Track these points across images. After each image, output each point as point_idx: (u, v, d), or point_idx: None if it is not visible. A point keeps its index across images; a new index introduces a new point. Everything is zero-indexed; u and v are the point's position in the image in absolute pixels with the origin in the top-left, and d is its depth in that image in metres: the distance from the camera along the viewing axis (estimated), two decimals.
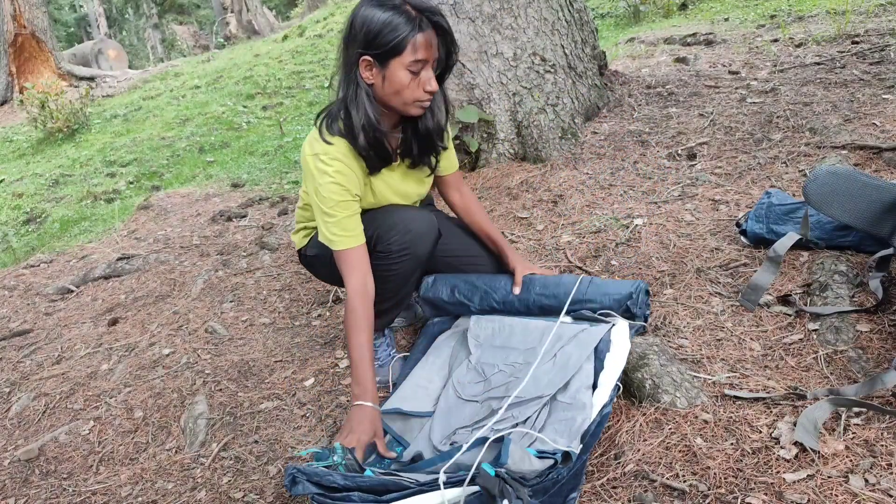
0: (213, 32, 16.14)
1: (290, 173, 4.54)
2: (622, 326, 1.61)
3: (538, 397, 1.45)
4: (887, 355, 1.45)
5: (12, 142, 7.72)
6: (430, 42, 1.43)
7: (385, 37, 1.39)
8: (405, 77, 1.43)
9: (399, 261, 1.61)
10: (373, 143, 1.51)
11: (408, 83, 1.44)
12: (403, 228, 1.59)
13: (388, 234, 1.59)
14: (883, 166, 2.31)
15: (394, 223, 1.60)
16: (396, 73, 1.43)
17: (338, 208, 1.53)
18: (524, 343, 1.64)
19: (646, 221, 2.29)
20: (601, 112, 3.40)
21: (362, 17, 1.42)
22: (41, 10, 10.10)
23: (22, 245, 4.24)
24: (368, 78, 1.47)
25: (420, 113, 1.52)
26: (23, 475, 1.68)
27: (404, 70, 1.42)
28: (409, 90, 1.45)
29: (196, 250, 3.14)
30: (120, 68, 11.94)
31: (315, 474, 1.18)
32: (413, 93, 1.46)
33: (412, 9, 1.41)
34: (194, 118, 7.02)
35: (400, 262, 1.61)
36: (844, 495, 1.13)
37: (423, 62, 1.43)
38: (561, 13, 3.18)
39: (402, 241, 1.59)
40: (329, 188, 1.52)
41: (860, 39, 3.79)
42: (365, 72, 1.46)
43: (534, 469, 1.16)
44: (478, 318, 1.77)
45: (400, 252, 1.60)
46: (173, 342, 2.21)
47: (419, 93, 1.46)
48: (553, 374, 1.50)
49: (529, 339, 1.64)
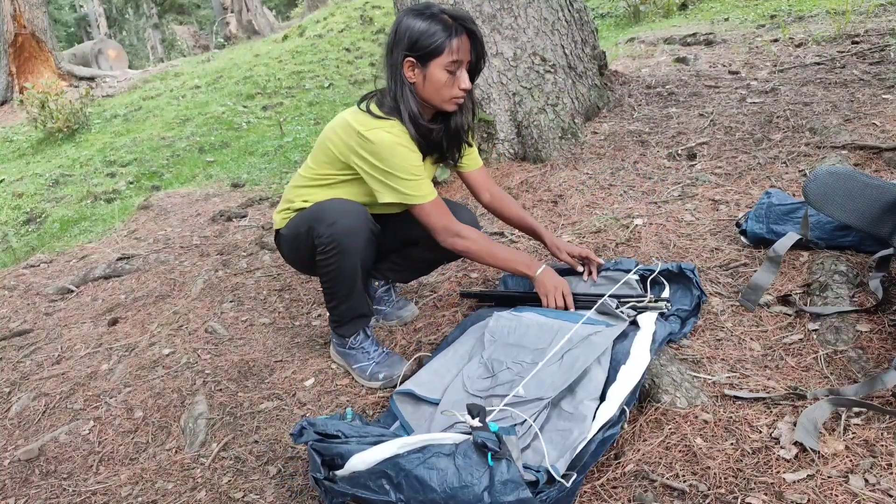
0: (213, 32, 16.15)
1: (289, 173, 4.54)
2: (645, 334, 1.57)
3: (538, 399, 1.44)
4: (887, 355, 1.45)
5: (12, 142, 7.72)
6: (465, 46, 1.63)
7: (426, 41, 1.61)
8: (443, 76, 1.63)
9: (332, 252, 1.69)
10: (422, 132, 1.70)
11: (445, 81, 1.63)
12: (329, 217, 1.67)
13: (318, 227, 1.69)
14: (883, 166, 2.31)
15: (324, 214, 1.69)
16: (436, 72, 1.63)
17: (417, 170, 1.69)
18: (536, 342, 1.63)
19: (646, 221, 2.29)
20: (601, 112, 3.40)
21: (406, 25, 1.63)
22: (41, 10, 10.10)
23: (22, 245, 4.24)
24: (411, 77, 1.66)
25: (455, 109, 1.71)
26: (23, 475, 1.68)
27: (442, 70, 1.62)
28: (446, 88, 1.64)
29: (196, 250, 3.14)
30: (120, 68, 11.94)
31: (322, 424, 1.25)
32: (450, 90, 1.65)
33: (449, 17, 1.62)
34: (194, 118, 7.02)
35: (334, 254, 1.69)
36: (844, 495, 1.13)
37: (458, 63, 1.62)
38: (561, 13, 3.18)
39: (330, 232, 1.67)
40: (404, 154, 1.67)
41: (860, 39, 3.79)
42: (408, 72, 1.66)
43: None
44: (499, 315, 1.77)
45: (331, 243, 1.68)
46: (173, 342, 2.21)
47: (455, 90, 1.65)
48: (556, 376, 1.49)
49: (542, 339, 1.64)
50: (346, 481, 1.19)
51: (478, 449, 1.13)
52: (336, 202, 1.72)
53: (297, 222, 1.79)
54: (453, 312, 2.08)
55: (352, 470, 1.18)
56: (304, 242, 1.75)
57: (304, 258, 1.82)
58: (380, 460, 1.16)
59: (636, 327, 1.62)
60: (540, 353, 1.57)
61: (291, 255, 1.89)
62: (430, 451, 1.15)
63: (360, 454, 1.18)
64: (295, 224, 1.80)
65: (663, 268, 1.83)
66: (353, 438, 1.22)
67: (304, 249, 1.77)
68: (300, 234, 1.76)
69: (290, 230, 1.82)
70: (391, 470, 1.15)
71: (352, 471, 1.18)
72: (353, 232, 1.68)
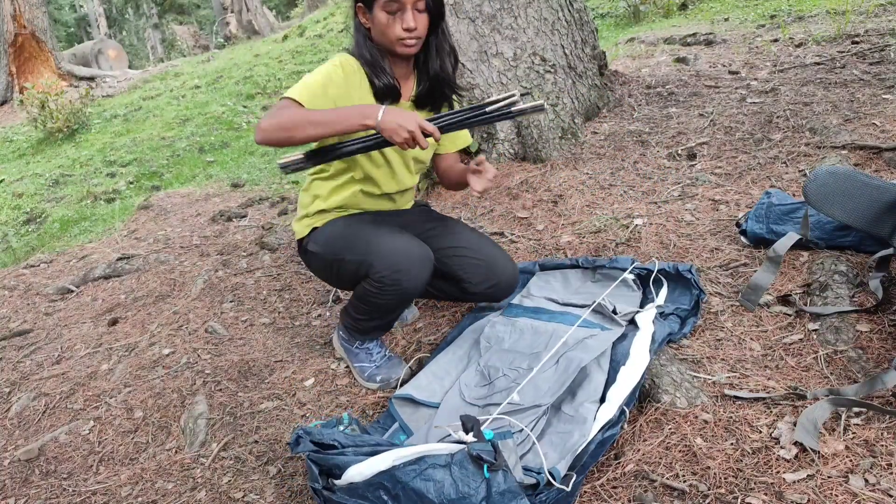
0: (213, 32, 16.15)
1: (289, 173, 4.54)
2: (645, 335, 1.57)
3: (535, 405, 1.44)
4: (887, 355, 1.45)
5: (12, 142, 7.72)
6: None
7: None
8: (383, 17, 1.63)
9: (390, 293, 1.65)
10: (377, 73, 1.69)
11: (387, 21, 1.62)
12: (394, 263, 1.62)
13: (379, 266, 1.63)
14: (883, 166, 2.31)
15: (387, 254, 1.63)
16: (377, 14, 1.63)
17: (316, 85, 1.62)
18: (531, 347, 1.63)
19: (646, 221, 2.29)
20: (601, 112, 3.40)
21: None
22: (41, 10, 10.09)
23: (22, 245, 4.24)
24: (365, 23, 1.70)
25: (406, 52, 1.66)
26: (23, 475, 1.68)
27: (382, 11, 1.62)
28: (389, 28, 1.63)
29: (196, 250, 3.14)
30: (120, 68, 11.93)
31: (319, 434, 1.24)
32: (394, 31, 1.63)
33: None
34: (194, 118, 7.02)
35: (390, 295, 1.66)
36: (844, 495, 1.13)
37: (396, 2, 1.60)
38: (561, 13, 3.17)
39: (394, 277, 1.62)
40: (323, 68, 1.66)
41: (860, 39, 3.78)
42: (362, 17, 1.70)
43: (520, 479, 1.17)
44: (493, 322, 1.78)
45: (392, 286, 1.63)
46: (173, 342, 2.21)
47: (398, 30, 1.63)
48: (553, 381, 1.48)
49: (537, 344, 1.64)
50: (344, 492, 1.19)
51: (473, 460, 1.13)
52: (402, 242, 1.65)
53: (335, 243, 1.75)
54: (453, 312, 2.08)
55: (349, 481, 1.18)
56: (349, 272, 1.71)
57: (341, 280, 1.81)
58: (375, 472, 1.16)
59: (635, 328, 1.62)
60: (535, 358, 1.57)
61: (324, 274, 1.87)
62: (426, 463, 1.15)
63: (356, 466, 1.17)
64: (332, 244, 1.75)
65: (660, 267, 1.83)
66: (350, 449, 1.22)
67: (347, 276, 1.74)
68: (344, 260, 1.71)
69: (324, 249, 1.77)
70: (388, 482, 1.15)
71: (349, 482, 1.18)
72: (418, 282, 1.65)
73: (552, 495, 1.18)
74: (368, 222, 1.78)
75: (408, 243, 1.65)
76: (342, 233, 1.75)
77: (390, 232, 1.70)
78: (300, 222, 1.87)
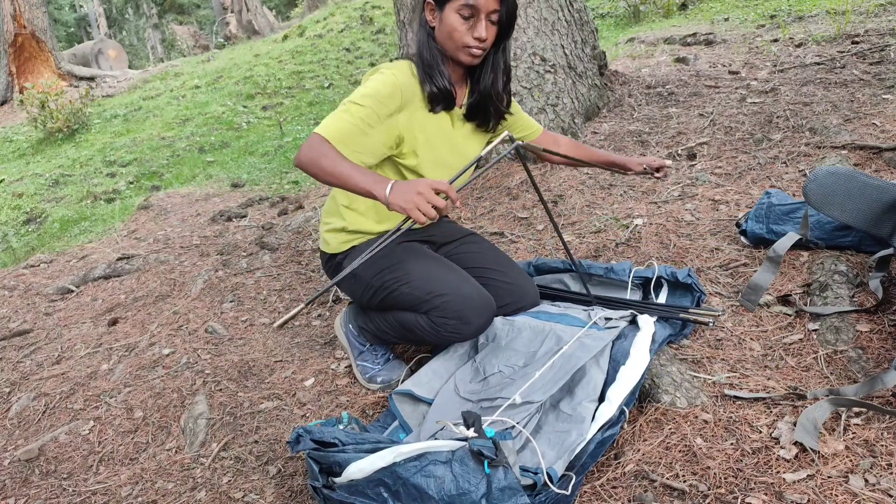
0: (213, 32, 16.15)
1: (289, 173, 4.55)
2: (645, 335, 1.57)
3: (528, 402, 1.44)
4: (887, 355, 1.45)
5: (12, 142, 7.72)
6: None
7: None
8: (455, 20, 1.56)
9: (445, 337, 1.64)
10: (433, 76, 1.63)
11: (457, 26, 1.56)
12: (461, 312, 1.59)
13: (445, 311, 1.60)
14: (883, 166, 2.31)
15: (456, 301, 1.60)
16: (449, 15, 1.57)
17: (368, 100, 1.53)
18: (528, 346, 1.63)
19: (646, 221, 2.29)
20: (601, 112, 3.40)
21: None
22: (41, 10, 10.10)
23: (22, 245, 4.24)
24: (431, 21, 1.63)
25: (470, 61, 1.61)
26: (23, 475, 1.68)
27: (455, 14, 1.56)
28: (458, 33, 1.56)
29: (196, 250, 3.14)
30: (120, 68, 11.93)
31: (319, 433, 1.24)
32: (462, 37, 1.57)
33: None
34: (194, 118, 7.02)
35: (444, 338, 1.64)
36: (844, 495, 1.13)
37: (472, 7, 1.54)
38: (561, 13, 3.18)
39: (456, 327, 1.60)
40: (375, 81, 1.58)
41: (860, 39, 3.79)
42: (428, 15, 1.63)
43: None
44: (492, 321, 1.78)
45: (453, 333, 1.62)
46: (173, 342, 2.21)
47: (468, 38, 1.57)
48: (548, 379, 1.48)
49: (534, 342, 1.64)
50: (345, 489, 1.19)
51: (474, 456, 1.13)
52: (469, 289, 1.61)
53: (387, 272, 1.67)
54: None
55: (349, 478, 1.18)
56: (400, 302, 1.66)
57: (379, 305, 1.73)
58: (376, 469, 1.16)
59: (636, 328, 1.62)
60: (532, 356, 1.57)
61: (357, 292, 1.77)
62: (427, 459, 1.15)
63: (356, 463, 1.17)
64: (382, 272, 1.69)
65: (659, 275, 1.82)
66: (350, 446, 1.22)
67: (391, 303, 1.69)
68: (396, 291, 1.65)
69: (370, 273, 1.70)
70: (389, 478, 1.15)
71: (349, 479, 1.18)
72: (478, 332, 1.64)
73: (551, 496, 1.18)
74: (421, 255, 1.72)
75: (475, 292, 1.62)
76: (394, 264, 1.68)
77: (457, 276, 1.65)
78: (336, 235, 1.78)
